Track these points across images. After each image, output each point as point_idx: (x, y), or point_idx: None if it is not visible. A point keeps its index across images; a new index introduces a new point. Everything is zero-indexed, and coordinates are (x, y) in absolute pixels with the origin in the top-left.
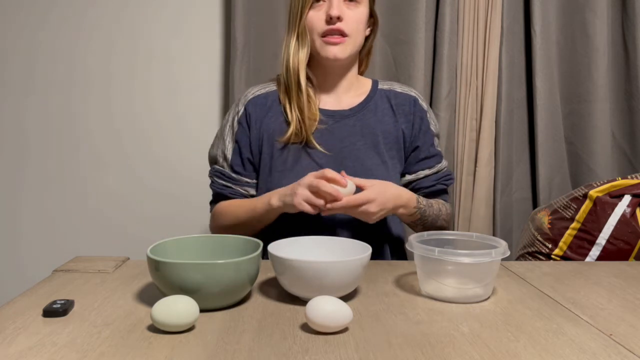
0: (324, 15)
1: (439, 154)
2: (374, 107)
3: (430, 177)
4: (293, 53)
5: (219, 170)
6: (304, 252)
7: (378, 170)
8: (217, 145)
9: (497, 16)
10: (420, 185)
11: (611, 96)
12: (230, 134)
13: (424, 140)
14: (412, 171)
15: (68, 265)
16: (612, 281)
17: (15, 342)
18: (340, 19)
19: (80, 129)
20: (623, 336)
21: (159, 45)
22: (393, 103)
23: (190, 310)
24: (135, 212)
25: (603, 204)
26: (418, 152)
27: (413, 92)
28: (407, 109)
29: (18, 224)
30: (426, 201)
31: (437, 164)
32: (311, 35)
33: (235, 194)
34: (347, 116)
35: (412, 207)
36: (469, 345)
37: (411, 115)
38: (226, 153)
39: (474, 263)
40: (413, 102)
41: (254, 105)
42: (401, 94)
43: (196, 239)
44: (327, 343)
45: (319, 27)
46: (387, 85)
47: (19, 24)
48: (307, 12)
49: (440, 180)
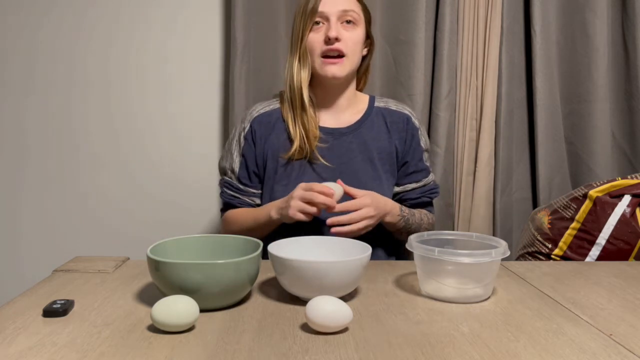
0: (323, 37)
1: (426, 169)
2: (370, 124)
3: (416, 190)
4: (296, 73)
5: (228, 182)
6: (304, 252)
7: (373, 184)
8: (226, 159)
9: (497, 16)
10: (407, 196)
11: (611, 96)
12: (237, 148)
13: (413, 156)
14: (401, 184)
15: (68, 265)
16: (612, 281)
17: (15, 342)
18: (338, 40)
19: (80, 129)
20: (623, 336)
21: (159, 45)
22: (388, 121)
23: (190, 310)
24: (135, 212)
25: (603, 204)
26: (407, 167)
27: (407, 110)
28: (401, 126)
29: (18, 224)
30: (409, 210)
31: (424, 178)
32: (311, 56)
33: (242, 203)
34: (345, 133)
35: (397, 215)
36: (469, 345)
37: (404, 133)
38: (234, 166)
39: (474, 263)
40: (406, 120)
41: (259, 124)
42: (395, 112)
43: (196, 239)
44: (327, 343)
45: (318, 48)
46: (382, 103)
47: (19, 24)
48: (308, 34)
49: (425, 194)
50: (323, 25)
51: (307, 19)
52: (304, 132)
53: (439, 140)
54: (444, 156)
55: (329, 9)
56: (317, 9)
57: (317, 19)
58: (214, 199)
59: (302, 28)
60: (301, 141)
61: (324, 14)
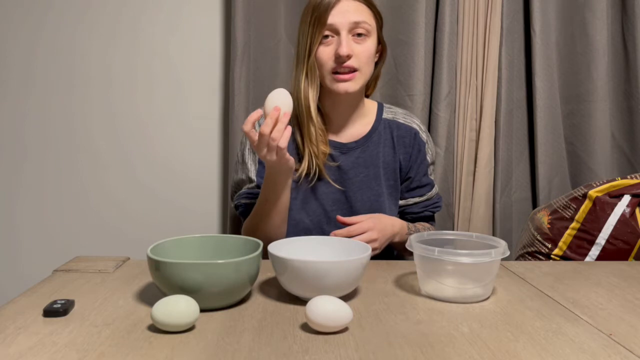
0: (333, 52)
1: (430, 184)
2: (377, 139)
3: (419, 204)
4: (303, 88)
5: (246, 192)
6: (304, 252)
7: (379, 200)
8: (242, 171)
9: (497, 16)
10: (409, 210)
11: (611, 96)
12: (251, 157)
13: (418, 171)
14: (403, 197)
15: (68, 265)
16: (612, 281)
17: (15, 342)
18: (349, 57)
19: (80, 129)
20: (623, 336)
21: (159, 45)
22: (395, 135)
23: (190, 310)
24: (136, 212)
25: (603, 204)
26: (410, 182)
27: (415, 124)
28: (408, 141)
29: (18, 224)
30: (414, 227)
31: (428, 192)
32: (320, 70)
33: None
34: (353, 148)
35: (405, 235)
36: (469, 345)
37: (410, 148)
38: (251, 176)
39: (473, 263)
40: (414, 135)
41: None
42: (403, 126)
43: (196, 239)
44: (327, 343)
45: (328, 64)
46: (391, 115)
47: (18, 24)
48: (317, 48)
49: (428, 208)
50: (333, 38)
51: (316, 32)
52: (312, 151)
53: (439, 140)
54: (444, 156)
55: (339, 21)
56: (326, 22)
57: (326, 32)
58: (215, 199)
59: (310, 41)
60: (310, 161)
61: (333, 26)
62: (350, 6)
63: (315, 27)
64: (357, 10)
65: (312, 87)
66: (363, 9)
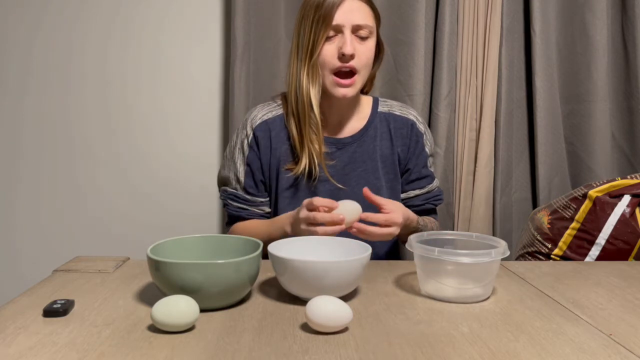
0: (336, 50)
1: (430, 175)
2: (373, 132)
3: (420, 197)
4: (305, 86)
5: (233, 193)
6: (304, 252)
7: (379, 194)
8: (229, 167)
9: (497, 16)
10: (411, 203)
11: (611, 96)
12: (240, 156)
13: (417, 163)
14: (404, 190)
15: (68, 265)
16: (612, 281)
17: (15, 342)
18: (352, 57)
19: (79, 129)
20: (623, 336)
21: (158, 45)
22: (391, 127)
23: (190, 310)
24: (136, 212)
25: (603, 204)
26: (409, 174)
27: (411, 115)
28: (405, 132)
29: (18, 224)
30: (423, 220)
31: (428, 184)
32: (323, 70)
33: (252, 214)
34: (349, 143)
35: (414, 226)
36: (469, 345)
37: (407, 139)
38: (239, 176)
39: (473, 263)
40: (410, 126)
41: (263, 132)
42: (400, 118)
43: (196, 239)
44: (327, 343)
45: (331, 64)
46: (386, 108)
47: (15, 24)
48: (321, 47)
49: (429, 200)
50: (336, 36)
51: (321, 30)
52: (311, 151)
53: (439, 140)
54: (444, 156)
55: (344, 21)
56: (332, 22)
57: (330, 32)
58: (214, 200)
59: (314, 39)
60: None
61: (338, 26)
62: (354, 5)
63: (320, 25)
64: (360, 10)
65: (314, 86)
66: (365, 10)
